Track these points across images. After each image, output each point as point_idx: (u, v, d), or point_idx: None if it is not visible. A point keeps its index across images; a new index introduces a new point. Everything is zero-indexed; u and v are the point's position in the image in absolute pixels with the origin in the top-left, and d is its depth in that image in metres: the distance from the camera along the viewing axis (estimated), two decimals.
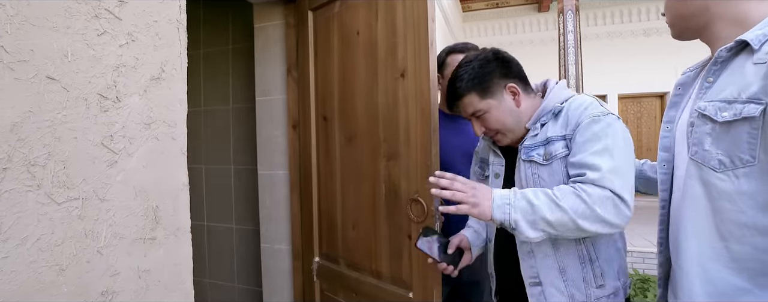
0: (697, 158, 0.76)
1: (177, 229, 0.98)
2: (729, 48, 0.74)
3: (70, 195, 0.75)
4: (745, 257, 0.70)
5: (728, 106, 0.70)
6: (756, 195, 0.68)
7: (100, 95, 0.81)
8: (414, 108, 1.34)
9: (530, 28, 7.48)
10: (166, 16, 0.97)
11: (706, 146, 0.74)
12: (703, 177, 0.74)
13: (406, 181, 1.39)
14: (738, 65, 0.73)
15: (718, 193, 0.72)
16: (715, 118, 0.72)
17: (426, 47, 1.29)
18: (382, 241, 1.51)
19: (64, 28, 0.75)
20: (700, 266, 0.74)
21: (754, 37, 0.71)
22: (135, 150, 0.88)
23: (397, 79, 1.40)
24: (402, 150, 1.40)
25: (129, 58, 0.87)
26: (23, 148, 0.68)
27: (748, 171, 0.69)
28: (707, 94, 0.77)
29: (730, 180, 0.71)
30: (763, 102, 0.66)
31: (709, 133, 0.73)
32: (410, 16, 1.34)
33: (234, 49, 2.49)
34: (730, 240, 0.71)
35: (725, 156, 0.71)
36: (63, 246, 0.74)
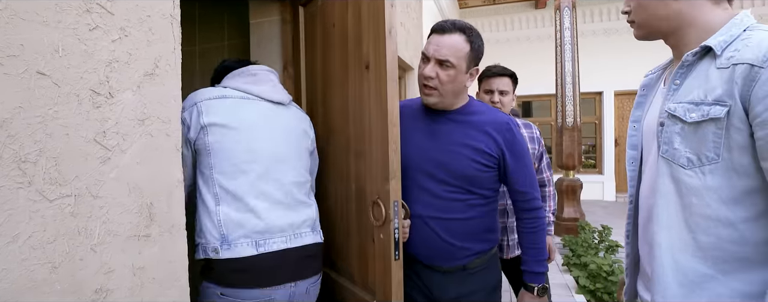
0: (667, 156, 0.81)
1: (172, 226, 0.97)
2: (694, 52, 0.80)
3: (62, 192, 0.74)
4: (710, 246, 0.76)
5: (696, 107, 0.76)
6: (720, 191, 0.74)
7: (93, 91, 0.80)
8: (374, 102, 1.25)
9: (527, 25, 7.48)
10: (159, 11, 0.96)
11: (675, 145, 0.79)
12: (673, 174, 0.79)
13: (370, 182, 1.30)
14: (702, 69, 0.78)
15: (686, 189, 0.77)
16: (684, 119, 0.77)
17: (384, 36, 1.18)
18: (352, 244, 1.44)
19: (55, 22, 0.73)
20: (671, 257, 0.79)
21: (717, 43, 0.77)
22: (128, 146, 0.87)
23: (363, 71, 1.30)
24: (367, 147, 1.31)
25: (122, 53, 0.86)
26: (13, 144, 0.67)
27: (714, 168, 0.74)
28: (675, 96, 0.81)
29: (697, 177, 0.76)
30: (727, 104, 0.72)
31: (678, 133, 0.78)
32: (371, 2, 1.25)
33: (229, 45, 2.47)
34: (697, 232, 0.77)
35: (693, 155, 0.77)
36: (55, 244, 0.73)
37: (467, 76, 1.26)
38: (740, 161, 0.73)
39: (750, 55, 0.71)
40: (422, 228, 1.27)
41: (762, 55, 0.69)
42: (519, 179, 1.28)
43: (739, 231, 0.74)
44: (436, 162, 1.26)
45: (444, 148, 1.27)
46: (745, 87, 0.70)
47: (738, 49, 0.74)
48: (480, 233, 1.29)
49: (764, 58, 0.69)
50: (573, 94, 5.00)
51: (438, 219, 1.26)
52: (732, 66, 0.72)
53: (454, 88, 1.24)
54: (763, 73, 0.68)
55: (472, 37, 1.24)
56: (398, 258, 1.23)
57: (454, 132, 1.28)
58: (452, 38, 1.21)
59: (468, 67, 1.24)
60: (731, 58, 0.73)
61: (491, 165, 1.25)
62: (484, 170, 1.25)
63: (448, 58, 1.20)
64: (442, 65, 1.21)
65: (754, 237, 0.73)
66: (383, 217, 1.21)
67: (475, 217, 1.27)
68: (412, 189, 1.29)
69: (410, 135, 1.32)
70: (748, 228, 0.73)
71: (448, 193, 1.25)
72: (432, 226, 1.25)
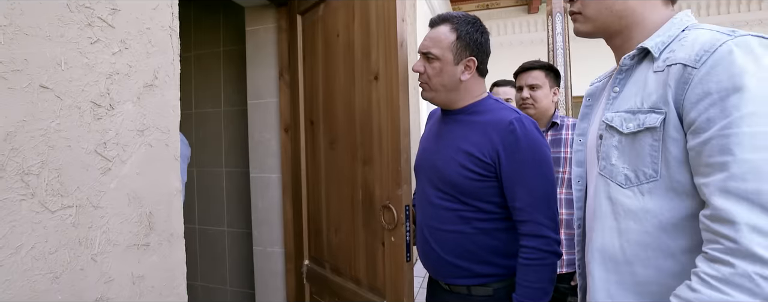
0: (605, 173, 0.72)
1: (170, 235, 0.98)
2: (631, 55, 0.73)
3: (64, 203, 0.75)
4: (649, 281, 0.66)
5: (633, 116, 0.67)
6: (659, 214, 0.64)
7: (94, 103, 0.81)
8: (385, 112, 1.29)
9: (520, 29, 7.55)
10: (158, 22, 0.97)
11: (613, 160, 0.70)
12: (611, 194, 0.70)
13: (379, 187, 1.34)
14: (641, 73, 0.71)
15: (624, 212, 0.68)
16: (621, 130, 0.69)
17: (395, 48, 1.23)
18: (360, 247, 1.47)
19: (58, 36, 0.75)
20: (606, 292, 0.70)
21: (654, 44, 0.69)
22: (128, 157, 0.88)
23: (371, 81, 1.36)
24: (375, 155, 1.35)
25: (122, 65, 0.88)
26: (17, 157, 0.68)
27: (652, 186, 0.65)
28: (614, 105, 0.74)
29: (635, 197, 0.67)
30: (662, 111, 0.63)
31: (616, 146, 0.70)
32: (381, 15, 1.29)
33: (225, 51, 2.48)
34: (635, 263, 0.67)
35: (631, 171, 0.67)
36: (57, 254, 0.74)
37: (460, 68, 1.11)
38: (678, 178, 0.63)
39: (684, 54, 0.63)
40: (421, 237, 1.23)
41: (695, 53, 0.61)
42: (516, 192, 1.05)
43: (681, 263, 0.63)
44: (433, 166, 1.18)
45: (441, 151, 1.17)
46: (679, 90, 0.61)
47: (674, 49, 0.66)
48: (478, 252, 1.11)
49: (697, 58, 0.60)
50: (565, 98, 5.06)
51: (432, 229, 1.17)
52: (666, 67, 0.65)
53: (443, 81, 1.13)
54: (696, 74, 0.60)
55: (459, 25, 1.11)
56: (409, 259, 1.26)
57: (453, 133, 1.16)
58: (437, 29, 1.13)
59: (457, 57, 1.11)
60: (667, 59, 0.66)
61: (485, 173, 1.07)
62: (474, 178, 1.08)
63: (429, 50, 1.12)
64: (428, 58, 1.13)
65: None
66: (395, 221, 1.24)
67: (470, 233, 1.11)
68: (417, 194, 1.28)
69: (424, 137, 1.29)
70: (689, 260, 0.62)
71: (440, 200, 1.15)
72: (426, 235, 1.19)
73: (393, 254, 1.28)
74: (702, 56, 0.60)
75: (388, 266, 1.31)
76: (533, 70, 1.69)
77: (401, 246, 1.24)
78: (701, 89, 0.59)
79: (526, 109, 1.68)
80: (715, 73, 0.58)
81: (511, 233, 1.11)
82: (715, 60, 0.58)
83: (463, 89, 1.14)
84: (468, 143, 1.10)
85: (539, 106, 1.67)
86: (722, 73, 0.57)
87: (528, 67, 1.72)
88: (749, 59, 0.57)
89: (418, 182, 1.27)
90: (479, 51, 1.12)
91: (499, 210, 1.10)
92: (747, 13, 6.46)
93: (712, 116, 0.57)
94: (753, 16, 6.35)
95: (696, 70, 0.60)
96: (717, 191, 0.56)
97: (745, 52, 0.58)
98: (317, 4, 1.66)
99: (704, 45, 0.61)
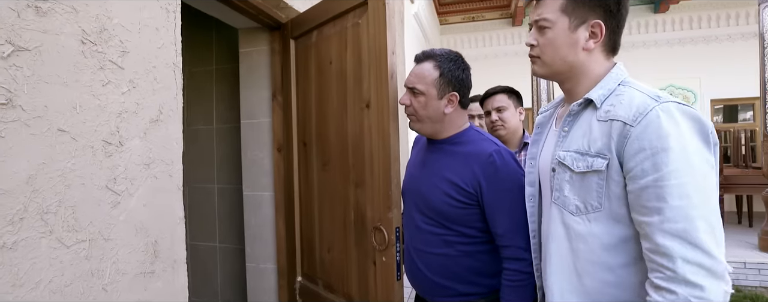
0: (558, 203, 0.87)
1: (174, 261, 1.03)
2: (579, 103, 0.87)
3: (78, 237, 0.80)
4: (594, 290, 0.82)
5: (581, 157, 0.82)
6: (601, 237, 0.80)
7: (105, 141, 0.87)
8: (377, 139, 1.36)
9: (505, 41, 7.73)
10: (163, 60, 1.03)
11: (565, 192, 0.85)
12: (564, 220, 0.85)
13: (371, 209, 1.39)
14: (586, 119, 0.85)
15: (575, 235, 0.83)
16: (572, 168, 0.83)
17: (386, 80, 1.31)
18: (352, 265, 1.51)
19: (73, 81, 0.80)
20: (560, 296, 0.85)
21: (597, 96, 0.84)
22: (136, 190, 0.94)
23: (363, 109, 1.42)
24: (367, 178, 1.41)
25: (130, 104, 0.93)
26: (37, 197, 0.73)
27: (597, 215, 0.80)
28: (564, 144, 0.87)
29: (584, 224, 0.82)
30: (607, 157, 0.78)
31: (567, 181, 0.84)
32: (373, 47, 1.36)
33: (218, 69, 2.53)
34: (584, 276, 0.82)
35: (580, 202, 0.82)
36: (72, 287, 0.79)
37: (443, 102, 1.19)
38: (618, 210, 0.79)
39: (623, 113, 0.77)
40: (408, 258, 1.30)
41: (633, 114, 0.76)
42: (497, 220, 1.12)
43: (618, 275, 0.80)
44: (419, 193, 1.25)
45: (426, 179, 1.24)
46: (620, 143, 0.76)
47: (613, 104, 0.81)
48: (462, 273, 1.18)
49: (634, 118, 0.75)
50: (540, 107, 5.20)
51: (419, 251, 1.24)
52: (610, 121, 0.79)
53: (429, 114, 1.20)
54: (633, 132, 0.74)
55: (442, 62, 1.19)
56: (399, 278, 1.33)
57: (438, 162, 1.24)
58: (422, 66, 1.21)
59: (440, 92, 1.18)
60: (609, 112, 0.80)
61: (468, 201, 1.14)
62: (458, 206, 1.15)
63: (415, 85, 1.20)
64: (414, 92, 1.21)
65: (630, 281, 0.79)
66: (386, 242, 1.31)
67: (455, 255, 1.18)
68: (404, 217, 1.35)
69: (411, 163, 1.36)
70: (624, 272, 0.79)
71: (426, 225, 1.22)
72: (414, 257, 1.25)
73: (384, 273, 1.34)
74: (637, 117, 0.75)
75: (379, 284, 1.38)
76: (497, 94, 1.81)
77: (392, 265, 1.31)
78: (637, 145, 0.74)
79: (496, 131, 1.79)
80: (647, 133, 0.73)
81: (492, 255, 1.17)
82: (646, 121, 0.74)
83: (447, 121, 1.22)
84: (451, 172, 1.17)
85: (508, 126, 1.78)
86: (652, 134, 0.73)
87: (491, 92, 1.83)
88: (671, 123, 0.73)
89: (405, 206, 1.34)
90: (461, 86, 1.20)
91: (481, 235, 1.17)
92: (726, 27, 6.74)
93: (646, 168, 0.73)
94: (731, 30, 6.62)
95: (633, 128, 0.75)
96: (657, 231, 0.71)
97: (668, 117, 0.73)
98: (310, 31, 1.72)
99: (638, 107, 0.76)
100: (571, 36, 0.87)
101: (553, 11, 0.87)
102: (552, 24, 0.88)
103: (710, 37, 6.57)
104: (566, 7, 0.86)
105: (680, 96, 6.66)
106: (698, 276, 0.68)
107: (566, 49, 0.88)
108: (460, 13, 7.74)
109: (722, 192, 4.47)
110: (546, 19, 0.88)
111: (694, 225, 0.68)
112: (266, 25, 1.94)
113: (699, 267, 0.68)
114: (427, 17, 6.20)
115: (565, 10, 0.86)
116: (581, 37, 0.87)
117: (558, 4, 0.87)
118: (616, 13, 0.87)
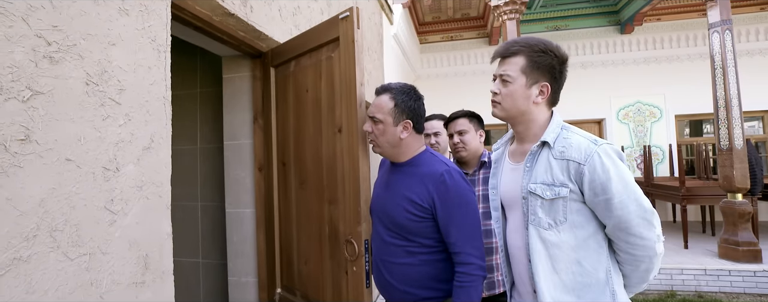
0: (534, 223, 1.11)
1: (162, 273, 1.16)
2: (538, 145, 1.11)
3: (80, 252, 0.93)
4: (569, 281, 1.07)
5: (548, 188, 1.08)
6: (569, 241, 1.07)
7: (104, 168, 1.00)
8: (347, 161, 1.52)
9: (482, 60, 8.05)
10: (155, 94, 1.17)
11: (539, 214, 1.10)
12: (540, 235, 1.10)
13: (343, 224, 1.54)
14: (544, 156, 1.11)
15: (551, 244, 1.09)
16: (543, 197, 1.09)
17: (355, 108, 1.49)
18: (327, 276, 1.66)
19: (79, 117, 0.94)
20: (549, 295, 1.08)
21: (551, 138, 1.10)
22: (130, 209, 1.07)
23: (336, 133, 1.59)
24: (340, 196, 1.56)
25: (126, 134, 1.07)
26: (47, 217, 0.86)
27: (564, 227, 1.08)
28: (531, 177, 1.12)
29: (556, 235, 1.08)
30: (568, 186, 1.06)
31: (540, 206, 1.10)
32: (344, 79, 1.53)
33: (202, 93, 2.66)
34: (561, 273, 1.08)
35: (551, 220, 1.09)
36: (74, 294, 0.91)
37: (399, 129, 1.37)
38: (577, 220, 1.07)
39: (575, 154, 1.05)
40: (377, 270, 1.45)
41: (582, 155, 1.04)
42: (449, 230, 1.28)
43: (583, 266, 1.07)
44: (383, 209, 1.40)
45: (390, 198, 1.39)
46: (577, 176, 1.05)
47: (564, 146, 1.08)
48: (422, 280, 1.33)
49: (584, 158, 1.04)
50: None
51: (385, 262, 1.38)
52: (566, 160, 1.06)
53: (388, 139, 1.38)
54: (585, 169, 1.03)
55: (396, 94, 1.38)
56: (369, 286, 1.47)
57: (399, 182, 1.39)
58: (380, 98, 1.40)
59: (396, 120, 1.36)
60: (563, 152, 1.07)
61: (424, 215, 1.30)
62: (416, 220, 1.31)
63: (374, 114, 1.38)
64: (374, 121, 1.38)
65: (591, 268, 1.06)
66: (356, 253, 1.46)
67: (415, 264, 1.33)
68: (372, 232, 1.50)
69: (377, 183, 1.52)
70: (586, 262, 1.07)
71: (391, 238, 1.37)
72: (380, 267, 1.42)
73: (355, 281, 1.48)
74: (586, 158, 1.04)
75: (351, 292, 1.51)
76: (458, 119, 1.96)
77: (361, 274, 1.45)
78: (590, 178, 1.03)
79: (458, 153, 1.95)
80: (595, 170, 1.02)
81: (447, 263, 1.34)
82: (593, 162, 1.03)
83: (404, 145, 1.40)
84: (410, 191, 1.34)
85: (469, 147, 1.92)
86: (599, 170, 1.02)
87: (453, 116, 1.98)
88: (609, 162, 1.03)
89: (373, 223, 1.50)
90: (414, 114, 1.39)
91: (437, 245, 1.33)
92: (686, 48, 7.17)
93: (598, 192, 1.03)
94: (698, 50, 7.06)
95: (584, 166, 1.03)
96: (611, 226, 1.05)
97: (606, 157, 1.03)
98: (289, 60, 1.89)
99: (586, 150, 1.05)
100: (526, 91, 1.13)
101: (515, 70, 1.13)
102: (513, 80, 1.13)
103: (672, 56, 6.98)
104: (525, 69, 1.12)
105: (647, 112, 7.05)
106: (637, 249, 1.04)
107: (521, 101, 1.13)
108: (439, 33, 8.07)
109: (685, 203, 4.73)
110: (509, 75, 1.13)
111: (632, 223, 1.02)
112: (248, 54, 2.10)
113: (636, 245, 1.04)
114: (407, 37, 6.45)
115: (524, 71, 1.12)
116: (533, 93, 1.13)
117: (519, 66, 1.13)
118: (559, 77, 1.14)
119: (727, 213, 4.22)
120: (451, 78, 8.02)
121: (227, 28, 1.71)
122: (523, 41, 1.14)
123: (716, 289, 4.02)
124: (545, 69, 1.12)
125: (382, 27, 4.89)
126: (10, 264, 0.78)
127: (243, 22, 1.71)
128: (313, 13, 2.48)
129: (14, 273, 0.79)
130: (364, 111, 1.48)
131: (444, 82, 7.94)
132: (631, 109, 7.09)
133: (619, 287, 1.08)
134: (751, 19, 6.67)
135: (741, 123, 4.20)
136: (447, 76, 8.03)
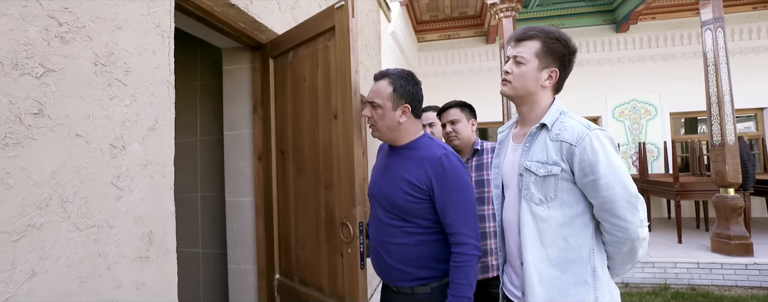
0: (526, 198, 1.17)
1: (166, 250, 1.21)
2: (537, 127, 1.18)
3: (89, 223, 0.97)
4: (554, 255, 1.13)
5: (542, 165, 1.14)
6: (557, 217, 1.13)
7: (111, 145, 1.05)
8: (342, 146, 1.56)
9: (480, 58, 8.11)
10: (160, 78, 1.22)
11: (532, 190, 1.16)
12: (532, 209, 1.16)
13: (338, 208, 1.59)
14: (542, 137, 1.17)
15: (540, 219, 1.14)
16: (536, 173, 1.15)
17: (350, 95, 1.52)
18: (323, 260, 1.70)
19: (88, 96, 0.99)
20: (534, 266, 1.14)
21: (549, 121, 1.16)
22: (135, 186, 1.11)
23: (332, 120, 1.63)
24: (335, 181, 1.61)
25: (132, 114, 1.12)
26: (59, 189, 0.91)
27: (554, 203, 1.13)
28: (528, 156, 1.19)
29: (546, 210, 1.14)
30: (560, 165, 1.11)
31: (533, 182, 1.16)
32: (339, 67, 1.57)
33: (202, 85, 2.71)
34: (547, 247, 1.14)
35: (542, 196, 1.14)
36: (84, 263, 0.95)
37: (398, 113, 1.40)
38: (567, 198, 1.13)
39: (569, 136, 1.11)
40: (374, 250, 1.49)
41: (575, 138, 1.10)
42: (446, 211, 1.33)
43: (568, 242, 1.13)
44: (382, 191, 1.43)
45: (388, 180, 1.42)
46: (568, 157, 1.11)
47: (560, 129, 1.14)
48: (420, 260, 1.37)
49: (576, 141, 1.10)
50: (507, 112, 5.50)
51: (383, 242, 1.42)
52: (560, 141, 1.12)
53: (387, 124, 1.41)
54: (576, 150, 1.09)
55: (395, 79, 1.41)
56: (363, 267, 1.51)
57: (398, 165, 1.42)
58: (379, 83, 1.42)
59: (395, 105, 1.40)
60: (558, 134, 1.14)
61: (422, 197, 1.34)
62: (414, 201, 1.34)
63: (373, 99, 1.41)
64: (373, 106, 1.41)
65: (575, 245, 1.12)
66: (351, 235, 1.50)
67: (413, 244, 1.37)
68: (370, 215, 1.55)
69: (375, 167, 1.57)
70: (572, 239, 1.13)
71: (388, 219, 1.40)
72: (377, 247, 1.45)
73: (350, 263, 1.53)
74: (578, 140, 1.10)
75: (346, 273, 1.55)
76: (451, 109, 2.01)
77: (356, 256, 1.50)
78: (579, 158, 1.09)
79: (451, 141, 1.99)
80: (585, 151, 1.08)
81: (444, 243, 1.38)
82: (584, 143, 1.09)
83: (403, 129, 1.43)
84: (408, 173, 1.37)
85: (461, 136, 1.97)
86: (589, 151, 1.08)
87: (446, 107, 2.03)
88: (599, 145, 1.08)
89: (371, 205, 1.54)
90: (412, 99, 1.43)
91: (434, 226, 1.37)
92: (681, 46, 7.24)
93: (586, 172, 1.08)
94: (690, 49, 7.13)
95: (576, 147, 1.09)
96: (597, 206, 1.11)
97: (596, 140, 1.08)
98: (287, 51, 1.93)
99: (579, 133, 1.10)
100: (537, 74, 1.19)
101: (529, 53, 1.19)
102: (527, 62, 1.20)
103: (667, 54, 7.06)
104: (539, 53, 1.19)
105: (642, 109, 7.12)
106: (619, 231, 1.09)
107: (531, 82, 1.20)
108: (437, 31, 8.12)
109: (679, 198, 4.79)
110: (523, 57, 1.19)
111: (616, 205, 1.07)
112: (248, 46, 2.14)
113: (619, 227, 1.09)
114: (405, 35, 6.50)
115: (538, 55, 1.19)
116: (543, 76, 1.19)
117: (534, 50, 1.19)
118: (567, 66, 1.21)
119: (720, 208, 4.28)
120: (449, 76, 8.08)
121: (228, 19, 1.76)
122: (540, 28, 1.21)
123: (709, 282, 4.08)
124: (557, 56, 1.18)
125: (379, 24, 4.93)
126: (25, 230, 0.83)
127: (243, 13, 1.75)
128: (312, 7, 2.53)
129: (28, 239, 0.84)
130: (359, 98, 1.53)
131: (442, 81, 7.99)
132: (626, 107, 7.16)
133: (601, 266, 1.13)
134: (744, 17, 6.74)
135: (733, 119, 4.26)
136: (445, 75, 8.08)
